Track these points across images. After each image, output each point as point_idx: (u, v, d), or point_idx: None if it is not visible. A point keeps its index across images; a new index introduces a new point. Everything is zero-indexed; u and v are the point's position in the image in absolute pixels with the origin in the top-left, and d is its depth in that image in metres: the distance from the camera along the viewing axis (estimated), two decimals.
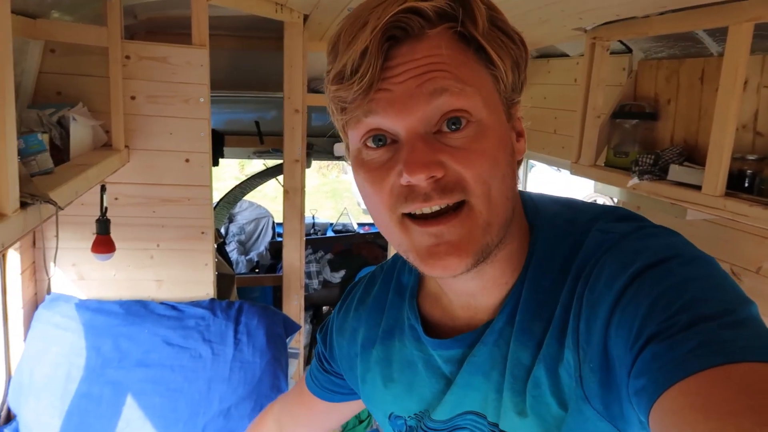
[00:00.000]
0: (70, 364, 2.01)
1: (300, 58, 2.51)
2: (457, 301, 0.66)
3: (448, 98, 0.52)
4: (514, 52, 0.56)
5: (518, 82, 0.58)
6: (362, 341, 0.76)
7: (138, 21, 2.47)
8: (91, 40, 1.87)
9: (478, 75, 0.54)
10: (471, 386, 0.63)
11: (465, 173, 0.53)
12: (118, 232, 1.95)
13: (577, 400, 0.53)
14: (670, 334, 0.44)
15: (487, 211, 0.54)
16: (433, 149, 0.52)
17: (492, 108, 0.55)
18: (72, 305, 2.10)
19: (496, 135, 0.55)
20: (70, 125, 1.70)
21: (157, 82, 2.03)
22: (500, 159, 0.55)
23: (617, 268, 0.52)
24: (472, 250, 0.54)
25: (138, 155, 2.06)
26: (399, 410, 0.73)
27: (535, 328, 0.58)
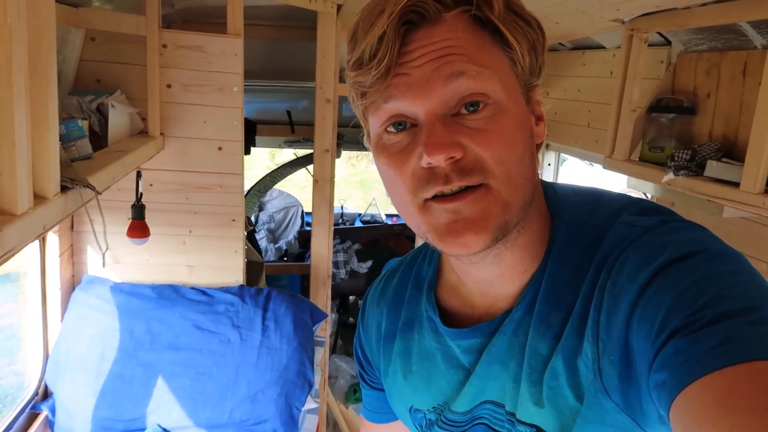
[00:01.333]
0: (104, 345, 2.07)
1: (332, 48, 2.52)
2: (476, 290, 0.66)
3: (466, 81, 0.52)
4: (530, 36, 0.56)
5: (536, 66, 0.58)
6: (384, 334, 0.77)
7: (175, 10, 2.51)
8: (130, 28, 1.90)
9: (495, 58, 0.55)
10: (490, 376, 0.63)
11: (484, 154, 0.53)
12: (153, 217, 1.99)
13: (595, 392, 0.52)
14: (694, 330, 0.43)
15: (506, 191, 0.54)
16: (452, 131, 0.53)
17: (509, 90, 0.55)
18: (107, 288, 2.16)
19: (513, 116, 0.55)
20: (108, 112, 1.74)
21: (193, 71, 2.06)
22: (518, 140, 0.55)
23: (641, 262, 0.51)
24: (490, 227, 0.54)
25: (173, 142, 2.10)
26: (418, 403, 0.73)
27: (553, 320, 0.57)
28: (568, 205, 0.62)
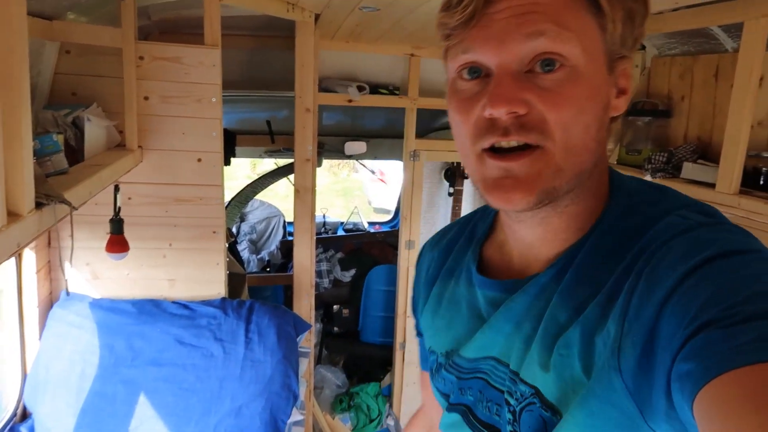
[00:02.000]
0: (84, 362, 2.03)
1: (311, 58, 2.51)
2: (515, 249, 0.67)
3: (545, 41, 0.52)
4: (629, 4, 0.55)
5: (629, 37, 0.56)
6: (428, 277, 0.81)
7: (152, 22, 2.49)
8: (106, 41, 1.88)
9: (582, 21, 0.54)
10: (501, 331, 0.64)
11: (548, 115, 0.53)
12: (132, 231, 1.96)
13: (609, 370, 0.51)
14: (730, 324, 0.42)
15: (562, 157, 0.54)
16: (521, 87, 0.53)
17: (591, 56, 0.54)
18: (86, 304, 2.12)
19: (589, 84, 0.54)
20: (84, 126, 1.72)
21: (170, 83, 2.04)
22: (587, 108, 0.54)
23: (686, 252, 0.50)
24: (537, 189, 0.55)
25: (151, 155, 2.08)
26: (435, 345, 0.76)
27: (580, 292, 0.57)
28: (630, 190, 0.62)
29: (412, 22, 2.41)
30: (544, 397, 0.58)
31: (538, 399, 0.58)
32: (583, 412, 0.53)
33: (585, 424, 0.52)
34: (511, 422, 0.62)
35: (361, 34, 2.78)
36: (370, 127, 3.90)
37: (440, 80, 3.31)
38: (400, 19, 2.37)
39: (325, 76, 3.08)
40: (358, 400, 3.68)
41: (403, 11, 2.22)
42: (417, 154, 3.33)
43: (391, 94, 3.20)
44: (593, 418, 0.52)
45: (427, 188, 3.68)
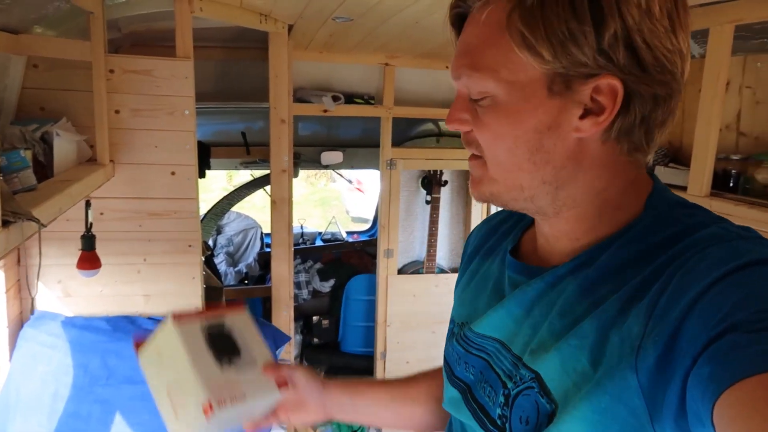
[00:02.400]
0: (57, 383, 1.98)
1: (285, 68, 2.51)
2: (539, 240, 0.71)
3: (466, 80, 0.61)
4: (566, 26, 0.52)
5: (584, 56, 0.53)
6: (470, 252, 0.86)
7: (122, 34, 2.46)
8: (75, 54, 1.85)
9: (506, 56, 0.57)
10: (510, 314, 0.67)
11: (477, 136, 0.63)
12: (104, 247, 1.92)
13: (625, 368, 0.51)
14: (757, 328, 0.42)
15: (494, 170, 0.63)
16: (462, 108, 0.63)
17: (515, 86, 0.57)
18: (58, 323, 2.06)
19: (508, 112, 0.59)
20: (53, 141, 1.68)
21: (142, 96, 2.01)
22: (506, 134, 0.60)
23: (720, 259, 0.50)
24: (480, 190, 0.66)
25: (123, 169, 2.04)
26: (456, 314, 0.81)
27: (601, 288, 0.58)
28: (671, 201, 0.63)
29: (386, 32, 2.42)
30: (544, 384, 0.58)
31: (537, 384, 0.59)
32: (591, 407, 0.52)
33: (591, 420, 0.52)
34: (502, 405, 0.63)
35: (334, 44, 2.78)
36: (346, 136, 3.90)
37: (415, 89, 3.33)
38: (374, 29, 2.38)
39: (300, 87, 3.08)
40: None
41: (377, 21, 2.23)
42: (394, 162, 3.34)
43: (366, 103, 3.21)
44: (601, 414, 0.52)
45: (404, 197, 3.69)
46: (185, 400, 0.78)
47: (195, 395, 0.76)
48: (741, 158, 1.63)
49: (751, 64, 1.71)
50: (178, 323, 0.81)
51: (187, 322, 0.82)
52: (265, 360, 0.86)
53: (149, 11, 2.14)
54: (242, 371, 0.81)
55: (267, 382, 0.84)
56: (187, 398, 0.77)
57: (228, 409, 0.75)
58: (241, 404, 0.77)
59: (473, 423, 0.69)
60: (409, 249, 3.81)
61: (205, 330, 0.83)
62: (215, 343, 0.82)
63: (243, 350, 0.84)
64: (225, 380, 0.78)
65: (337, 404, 0.92)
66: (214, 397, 0.75)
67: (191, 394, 0.77)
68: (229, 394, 0.76)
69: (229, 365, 0.81)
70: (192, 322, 0.82)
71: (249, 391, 0.79)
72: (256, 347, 0.86)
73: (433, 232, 3.65)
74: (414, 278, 3.62)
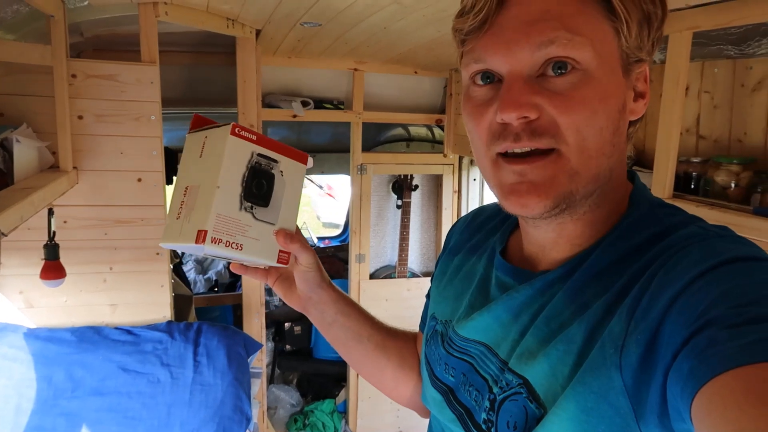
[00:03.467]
0: (19, 396, 1.91)
1: (253, 73, 2.49)
2: (527, 249, 0.67)
3: (555, 48, 0.52)
4: (646, 7, 0.54)
5: (646, 40, 0.56)
6: (452, 247, 0.83)
7: (84, 39, 2.40)
8: (35, 59, 1.80)
9: (595, 25, 0.53)
10: (498, 319, 0.64)
11: (559, 119, 0.53)
12: (69, 256, 1.88)
13: (609, 367, 0.51)
14: (734, 324, 0.42)
15: (577, 160, 0.54)
16: (531, 91, 0.53)
17: (604, 60, 0.54)
18: (20, 335, 2.00)
19: (602, 87, 0.54)
20: (13, 147, 1.63)
21: (106, 101, 1.97)
22: (600, 110, 0.54)
23: (700, 258, 0.50)
24: (554, 194, 0.55)
25: (87, 176, 2.00)
26: (438, 312, 0.78)
27: (588, 291, 0.57)
28: (653, 202, 0.62)
29: (354, 37, 2.42)
30: (533, 389, 0.57)
31: (526, 389, 0.58)
32: (578, 407, 0.52)
33: (578, 419, 0.52)
34: (487, 410, 0.62)
35: (303, 49, 2.77)
36: (316, 141, 3.89)
37: (384, 94, 3.34)
38: (342, 34, 2.38)
39: (269, 92, 3.06)
40: (313, 418, 3.63)
41: (345, 26, 2.23)
42: (364, 167, 3.34)
43: (336, 108, 3.20)
44: (587, 413, 0.52)
45: (375, 201, 3.69)
46: (191, 209, 0.73)
47: (199, 216, 0.71)
48: (701, 161, 1.67)
49: (708, 70, 1.77)
50: (235, 135, 0.73)
51: (245, 138, 0.74)
52: (284, 224, 0.78)
53: (113, 15, 2.10)
54: (256, 223, 0.75)
55: (271, 247, 0.77)
56: (193, 211, 0.73)
57: (218, 249, 0.71)
58: (232, 252, 0.72)
59: (457, 426, 0.68)
60: (380, 254, 3.81)
61: (255, 158, 0.74)
62: (253, 178, 0.74)
63: (273, 202, 0.77)
64: (234, 221, 0.72)
65: (319, 308, 0.87)
66: (212, 231, 0.70)
67: (198, 211, 0.72)
68: (228, 236, 0.71)
69: (249, 209, 0.74)
70: (248, 141, 0.74)
71: (247, 246, 0.74)
72: (287, 207, 0.78)
73: (405, 236, 3.66)
74: (386, 283, 3.62)
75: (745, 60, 1.66)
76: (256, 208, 0.74)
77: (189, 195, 0.75)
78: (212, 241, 0.70)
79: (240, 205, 0.73)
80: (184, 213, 0.74)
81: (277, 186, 0.77)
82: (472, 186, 3.64)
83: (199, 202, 0.73)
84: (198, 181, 0.74)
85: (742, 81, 1.67)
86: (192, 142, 0.79)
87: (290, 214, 0.79)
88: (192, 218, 0.72)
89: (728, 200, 1.53)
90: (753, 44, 1.57)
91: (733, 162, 1.55)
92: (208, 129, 0.77)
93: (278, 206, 0.77)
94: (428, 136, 3.84)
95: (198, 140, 0.78)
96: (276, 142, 0.76)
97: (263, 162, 0.75)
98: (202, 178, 0.74)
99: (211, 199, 0.71)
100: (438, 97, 3.48)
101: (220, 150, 0.72)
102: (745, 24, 1.34)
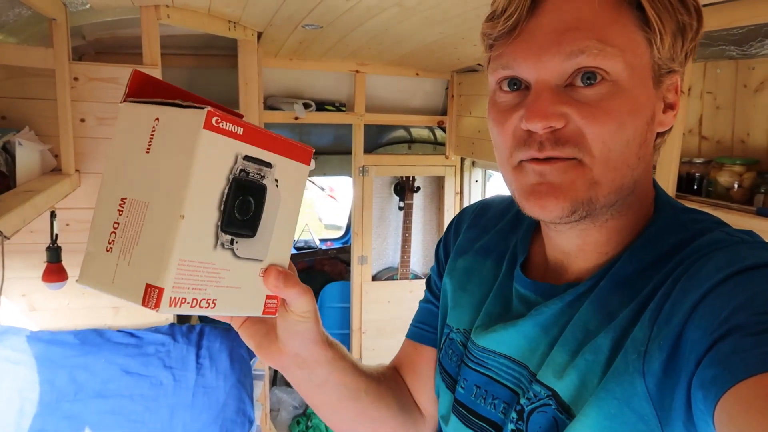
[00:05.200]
0: (22, 399, 1.92)
1: (255, 76, 2.49)
2: (551, 256, 0.66)
3: (585, 58, 0.51)
4: (680, 18, 0.54)
5: (679, 51, 0.55)
6: (458, 247, 0.79)
7: (86, 42, 2.41)
8: (37, 62, 1.81)
9: (628, 35, 0.52)
10: (525, 335, 0.63)
11: (586, 129, 0.52)
12: (71, 258, 1.88)
13: (632, 372, 0.50)
14: (758, 331, 0.41)
15: (599, 170, 0.53)
16: (559, 101, 0.52)
17: (635, 71, 0.53)
18: (23, 338, 2.01)
19: (631, 99, 0.53)
20: (16, 150, 1.64)
21: (108, 104, 1.98)
22: (628, 123, 0.53)
23: (724, 263, 0.49)
24: (572, 198, 0.54)
25: (90, 179, 2.00)
26: (454, 321, 0.74)
27: (613, 300, 0.56)
28: (676, 206, 0.61)
29: (356, 39, 2.42)
30: (561, 400, 0.56)
31: (555, 401, 0.57)
32: (601, 414, 0.52)
33: (602, 426, 0.51)
34: (515, 421, 0.61)
35: (304, 51, 2.77)
36: (317, 143, 3.89)
37: (386, 96, 3.34)
38: (344, 36, 2.38)
39: (270, 94, 3.06)
40: (315, 420, 3.62)
41: (346, 29, 2.23)
42: (366, 169, 3.34)
43: (337, 110, 3.20)
44: (611, 420, 0.51)
45: (377, 203, 3.69)
46: (134, 243, 0.47)
47: (149, 261, 0.46)
48: (704, 162, 1.67)
49: (711, 71, 1.76)
50: (212, 129, 0.46)
51: (227, 133, 0.47)
52: (276, 258, 0.55)
53: (114, 18, 2.10)
54: (237, 264, 0.51)
55: (255, 293, 0.54)
56: (138, 247, 0.47)
57: (178, 310, 0.47)
58: (200, 311, 0.49)
59: None
60: (382, 255, 3.81)
61: (240, 163, 0.49)
62: (236, 196, 0.49)
63: (262, 229, 0.53)
64: (205, 267, 0.48)
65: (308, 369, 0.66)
66: (171, 289, 0.45)
67: (147, 251, 0.46)
68: (195, 291, 0.48)
69: (228, 245, 0.50)
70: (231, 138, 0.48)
71: (223, 299, 0.51)
72: (281, 233, 0.55)
73: (407, 238, 3.66)
74: (388, 284, 3.62)
75: (747, 60, 1.65)
76: (238, 241, 0.51)
77: (128, 214, 0.48)
78: (171, 303, 0.46)
79: (216, 240, 0.48)
80: (121, 245, 0.48)
81: (268, 203, 0.53)
82: (474, 187, 3.64)
83: (149, 234, 0.47)
84: (145, 194, 0.47)
85: (745, 82, 1.66)
86: (131, 121, 0.50)
87: (284, 241, 0.56)
88: (135, 260, 0.47)
89: (731, 201, 1.52)
90: (755, 45, 1.56)
91: (736, 163, 1.54)
92: (163, 105, 0.48)
93: (269, 233, 0.54)
94: (430, 138, 3.84)
95: (143, 120, 0.49)
96: (269, 135, 0.52)
97: (252, 169, 0.51)
98: (151, 191, 0.47)
99: (172, 237, 0.45)
100: (440, 99, 3.48)
101: (187, 152, 0.46)
102: (747, 24, 1.34)
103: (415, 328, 0.84)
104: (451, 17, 1.92)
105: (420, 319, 0.84)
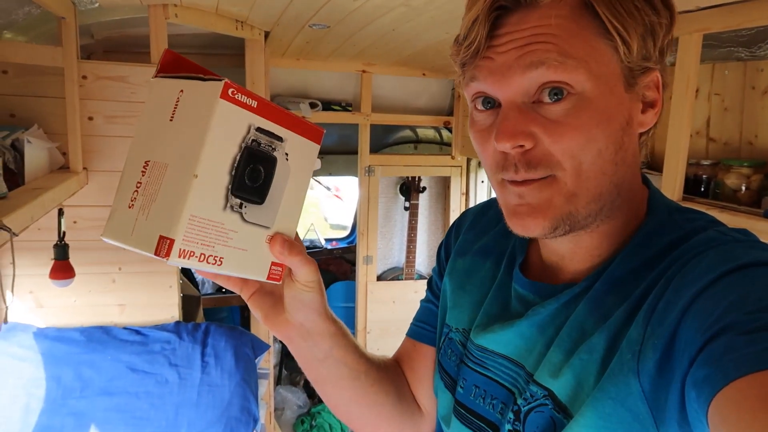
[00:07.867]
0: (28, 396, 1.93)
1: (262, 75, 2.50)
2: (547, 258, 0.67)
3: (545, 71, 0.52)
4: (648, 19, 0.53)
5: (652, 50, 0.55)
6: (458, 247, 0.80)
7: (95, 41, 2.42)
8: (46, 60, 1.82)
9: (590, 45, 0.53)
10: (522, 335, 0.64)
11: (553, 147, 0.53)
12: (78, 256, 1.89)
13: (627, 372, 0.51)
14: (750, 329, 0.41)
15: (573, 183, 0.54)
16: (526, 119, 0.53)
17: (601, 80, 0.53)
18: (30, 334, 2.02)
19: (599, 109, 0.53)
20: (24, 148, 1.65)
21: (116, 102, 1.99)
22: (598, 134, 0.53)
23: (717, 262, 0.49)
24: (551, 215, 0.55)
25: (97, 177, 2.01)
26: (453, 320, 0.75)
27: (608, 301, 0.57)
28: (670, 206, 0.62)
29: (363, 38, 2.42)
30: (558, 399, 0.57)
31: (551, 401, 0.58)
32: (596, 414, 0.52)
33: (597, 426, 0.52)
34: (512, 421, 0.61)
35: (311, 51, 2.78)
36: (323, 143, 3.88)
37: (392, 96, 3.34)
38: (351, 36, 2.38)
39: (277, 94, 3.07)
40: (320, 419, 3.63)
41: (353, 28, 2.23)
42: (372, 169, 3.34)
43: (343, 110, 3.21)
44: (606, 420, 0.51)
45: (382, 203, 3.69)
46: (152, 200, 0.52)
47: (164, 215, 0.51)
48: (711, 163, 1.66)
49: (719, 72, 1.76)
50: (228, 99, 0.52)
51: (242, 104, 0.53)
52: (282, 227, 0.59)
53: (123, 17, 2.12)
54: (245, 227, 0.55)
55: (261, 257, 0.58)
56: (155, 204, 0.52)
57: (188, 263, 0.51)
58: (208, 267, 0.53)
59: None
60: (388, 255, 3.81)
61: (253, 133, 0.54)
62: (247, 164, 0.54)
63: (270, 198, 0.57)
64: (215, 226, 0.52)
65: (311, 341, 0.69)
66: (181, 241, 0.50)
67: (163, 207, 0.51)
68: (204, 247, 0.52)
69: (237, 209, 0.54)
70: (246, 109, 0.53)
71: (229, 259, 0.55)
72: (288, 204, 0.60)
73: (412, 238, 3.66)
74: (394, 285, 3.62)
75: (755, 62, 1.64)
76: (247, 206, 0.55)
77: (150, 175, 0.53)
78: (180, 255, 0.50)
79: (225, 202, 0.53)
80: (141, 202, 0.53)
81: (278, 175, 0.57)
82: (480, 188, 3.63)
83: (166, 192, 0.52)
84: (165, 157, 0.53)
85: (753, 83, 1.65)
86: (159, 94, 0.56)
87: (291, 213, 0.61)
88: (152, 215, 0.52)
89: (738, 203, 1.52)
90: (764, 46, 1.56)
91: (744, 165, 1.54)
92: (187, 79, 0.55)
93: (277, 203, 0.58)
94: (436, 138, 3.84)
95: (169, 92, 0.55)
96: (282, 111, 0.57)
97: (263, 140, 0.55)
98: (171, 154, 0.52)
99: (185, 193, 0.50)
100: (446, 99, 3.48)
101: (204, 118, 0.51)
102: (755, 26, 1.33)
103: (415, 326, 0.86)
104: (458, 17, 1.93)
105: (420, 317, 0.86)
